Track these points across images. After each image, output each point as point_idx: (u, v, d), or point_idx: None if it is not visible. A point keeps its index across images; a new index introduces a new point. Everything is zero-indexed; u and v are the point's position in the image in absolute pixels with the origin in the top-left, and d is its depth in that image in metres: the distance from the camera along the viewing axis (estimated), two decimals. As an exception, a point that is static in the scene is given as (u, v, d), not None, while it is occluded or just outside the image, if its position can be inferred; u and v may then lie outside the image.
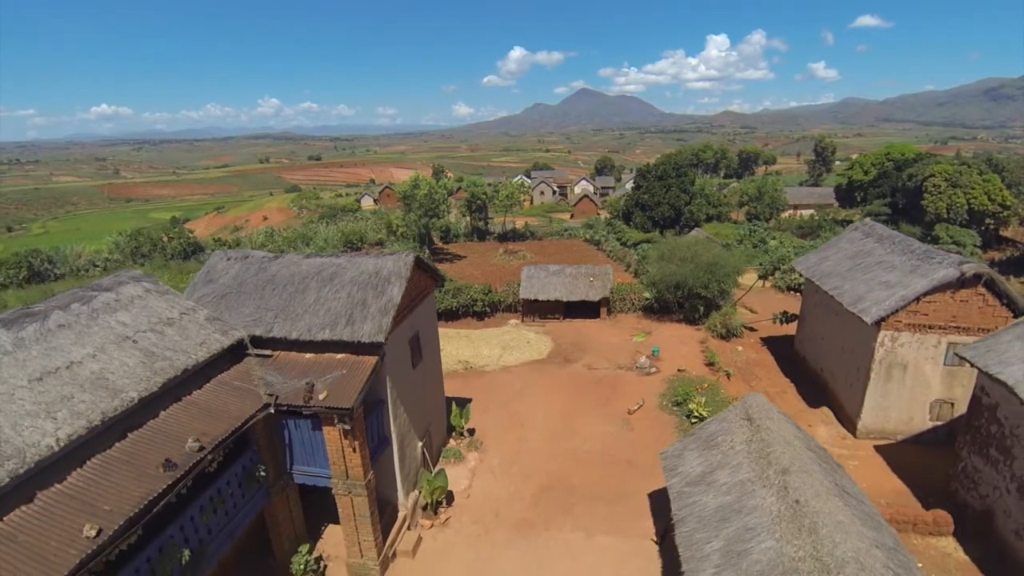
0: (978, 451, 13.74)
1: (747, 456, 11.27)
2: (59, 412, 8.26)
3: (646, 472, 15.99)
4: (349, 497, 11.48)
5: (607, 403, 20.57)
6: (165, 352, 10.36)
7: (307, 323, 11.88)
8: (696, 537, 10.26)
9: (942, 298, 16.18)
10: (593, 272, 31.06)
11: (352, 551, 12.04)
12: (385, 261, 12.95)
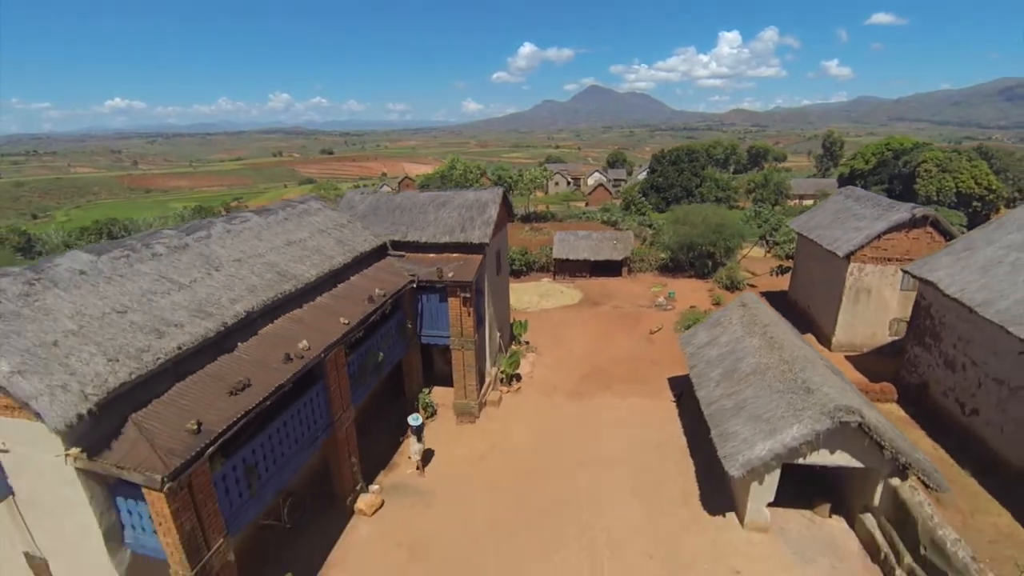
0: (918, 341, 18.44)
1: (740, 324, 16.15)
2: (307, 260, 13.31)
3: (665, 368, 20.83)
4: (461, 351, 16.47)
5: (632, 329, 25.47)
6: (346, 241, 15.38)
7: (431, 231, 16.88)
8: (704, 371, 15.16)
9: (898, 236, 20.87)
10: (616, 236, 35.95)
11: (459, 395, 17.03)
12: (483, 192, 17.94)
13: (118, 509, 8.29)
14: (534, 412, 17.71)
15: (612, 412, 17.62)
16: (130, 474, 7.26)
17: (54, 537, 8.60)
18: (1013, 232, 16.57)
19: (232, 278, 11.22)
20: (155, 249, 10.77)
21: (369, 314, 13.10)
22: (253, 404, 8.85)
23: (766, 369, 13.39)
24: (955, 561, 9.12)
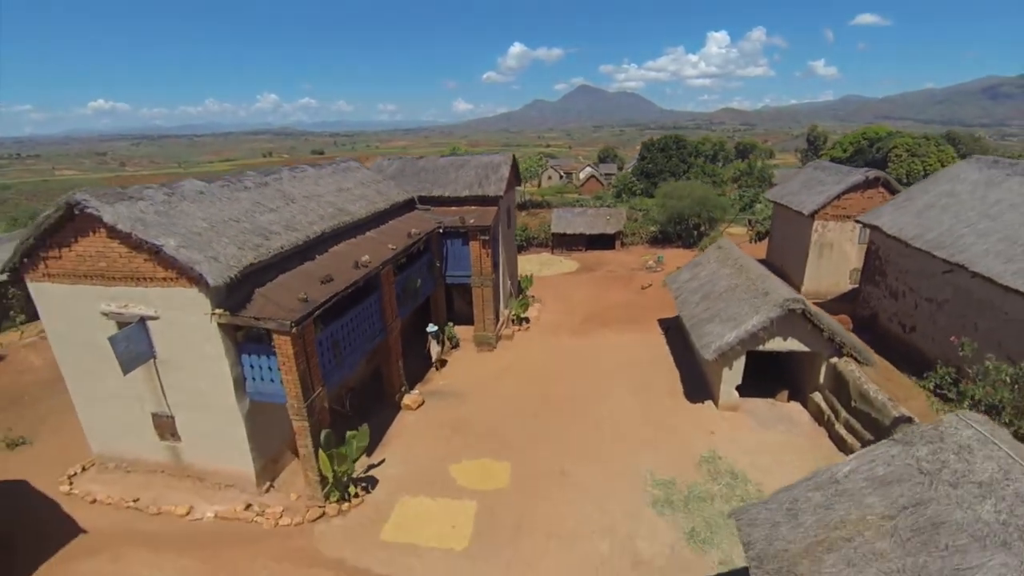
0: (869, 280, 21.47)
1: (716, 261, 19.09)
2: (356, 203, 16.03)
3: (655, 312, 23.72)
4: (481, 289, 19.25)
5: (625, 286, 28.41)
6: (383, 192, 18.12)
7: (452, 188, 19.65)
8: (686, 297, 18.07)
9: (855, 196, 23.94)
10: (610, 212, 38.94)
11: (478, 327, 19.81)
12: (495, 156, 20.77)
13: (242, 364, 10.98)
14: (543, 344, 20.54)
15: (610, 342, 20.48)
16: (266, 323, 9.99)
17: (186, 392, 11.26)
18: (944, 184, 19.64)
19: (305, 208, 13.94)
20: (245, 184, 13.47)
21: (409, 245, 15.85)
22: (338, 290, 11.59)
23: (735, 287, 16.32)
24: (876, 403, 12.05)
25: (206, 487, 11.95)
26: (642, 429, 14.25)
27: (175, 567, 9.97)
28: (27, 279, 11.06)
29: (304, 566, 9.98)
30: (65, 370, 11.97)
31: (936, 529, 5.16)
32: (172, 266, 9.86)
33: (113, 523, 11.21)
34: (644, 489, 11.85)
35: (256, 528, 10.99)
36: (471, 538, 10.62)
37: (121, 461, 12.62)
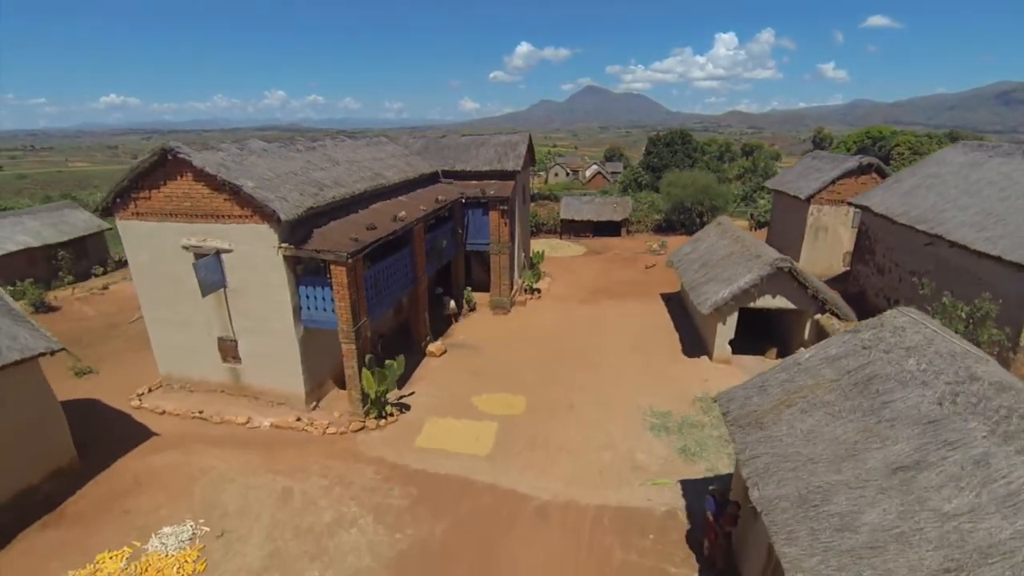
0: (859, 259, 23.01)
1: (716, 235, 20.72)
2: (390, 170, 17.74)
3: (658, 288, 25.33)
4: (499, 256, 20.92)
5: (630, 266, 30.04)
6: (412, 164, 19.82)
7: (474, 163, 21.33)
8: (687, 266, 19.69)
9: (849, 181, 25.48)
10: (616, 201, 40.55)
11: (494, 292, 21.50)
12: (513, 135, 22.44)
13: (300, 294, 12.70)
14: (554, 310, 22.20)
15: (616, 310, 22.13)
16: (325, 254, 11.71)
17: (250, 318, 12.99)
18: (931, 167, 21.17)
19: (348, 170, 15.66)
20: (297, 147, 15.20)
21: (437, 208, 17.56)
22: (382, 235, 13.29)
23: (731, 255, 17.95)
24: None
25: (261, 404, 13.70)
26: (643, 377, 15.90)
27: (239, 459, 11.71)
28: (117, 217, 12.82)
29: (349, 461, 11.70)
30: (143, 300, 13.75)
31: (870, 380, 6.81)
32: (249, 204, 11.58)
33: (181, 429, 12.97)
34: (643, 419, 13.51)
35: (306, 435, 12.73)
36: (492, 447, 12.31)
37: (185, 382, 14.39)
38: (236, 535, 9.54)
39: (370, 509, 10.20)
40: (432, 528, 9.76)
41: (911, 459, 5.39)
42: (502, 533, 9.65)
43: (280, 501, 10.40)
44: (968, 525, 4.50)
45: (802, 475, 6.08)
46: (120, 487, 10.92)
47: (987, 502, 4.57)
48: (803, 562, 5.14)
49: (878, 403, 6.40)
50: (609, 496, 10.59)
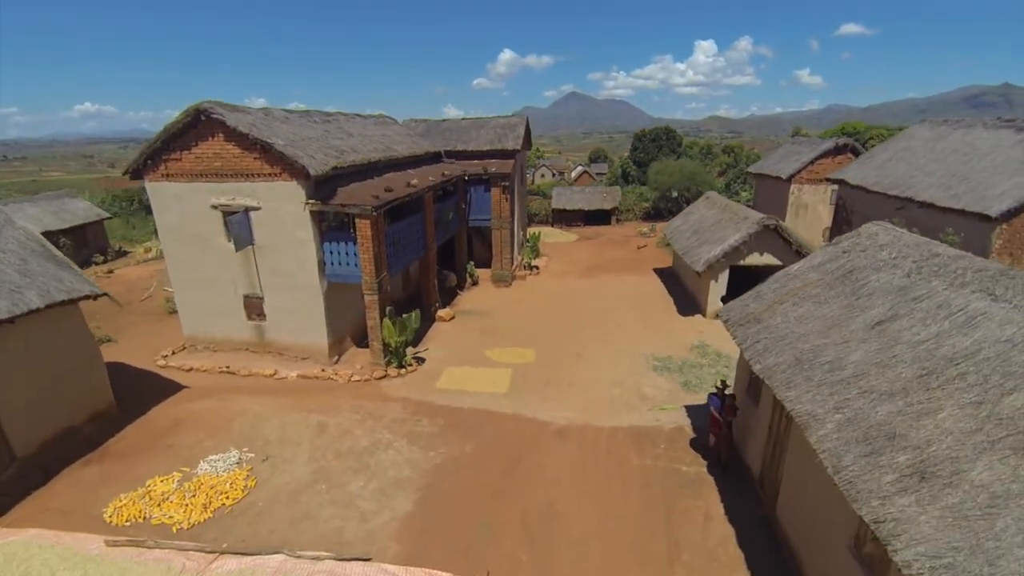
0: (837, 231, 24.44)
1: (705, 207, 21.98)
2: (399, 145, 18.61)
3: (651, 264, 26.51)
4: (500, 231, 21.88)
5: (622, 247, 31.24)
6: (417, 142, 20.72)
7: (475, 143, 22.32)
8: (678, 236, 20.88)
9: (827, 161, 27.04)
10: (605, 190, 41.84)
11: (496, 265, 22.43)
12: (512, 117, 23.50)
13: (324, 250, 13.49)
14: (553, 283, 23.22)
15: (612, 282, 23.22)
16: (351, 208, 12.54)
17: (277, 274, 13.73)
18: (902, 142, 22.75)
19: (362, 141, 16.52)
20: (314, 119, 16.00)
21: (445, 180, 18.52)
22: (399, 196, 14.16)
23: (720, 221, 19.18)
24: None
25: (285, 359, 14.40)
26: (643, 332, 16.94)
27: (272, 403, 12.42)
28: (146, 180, 13.49)
29: (377, 401, 12.49)
30: (171, 260, 14.39)
31: (849, 272, 7.90)
32: (279, 161, 12.37)
33: (210, 383, 13.62)
34: (646, 362, 14.54)
35: (332, 383, 13.48)
36: (509, 387, 13.22)
37: (210, 342, 15.02)
38: (280, 459, 10.27)
39: (402, 435, 11.01)
40: (462, 447, 10.62)
41: (886, 315, 6.47)
42: (527, 449, 10.54)
43: (317, 432, 11.15)
44: (935, 345, 5.56)
45: (796, 345, 7.12)
46: (159, 428, 11.56)
47: (949, 328, 5.63)
48: (802, 398, 6.16)
49: (857, 286, 7.48)
50: (621, 419, 11.55)
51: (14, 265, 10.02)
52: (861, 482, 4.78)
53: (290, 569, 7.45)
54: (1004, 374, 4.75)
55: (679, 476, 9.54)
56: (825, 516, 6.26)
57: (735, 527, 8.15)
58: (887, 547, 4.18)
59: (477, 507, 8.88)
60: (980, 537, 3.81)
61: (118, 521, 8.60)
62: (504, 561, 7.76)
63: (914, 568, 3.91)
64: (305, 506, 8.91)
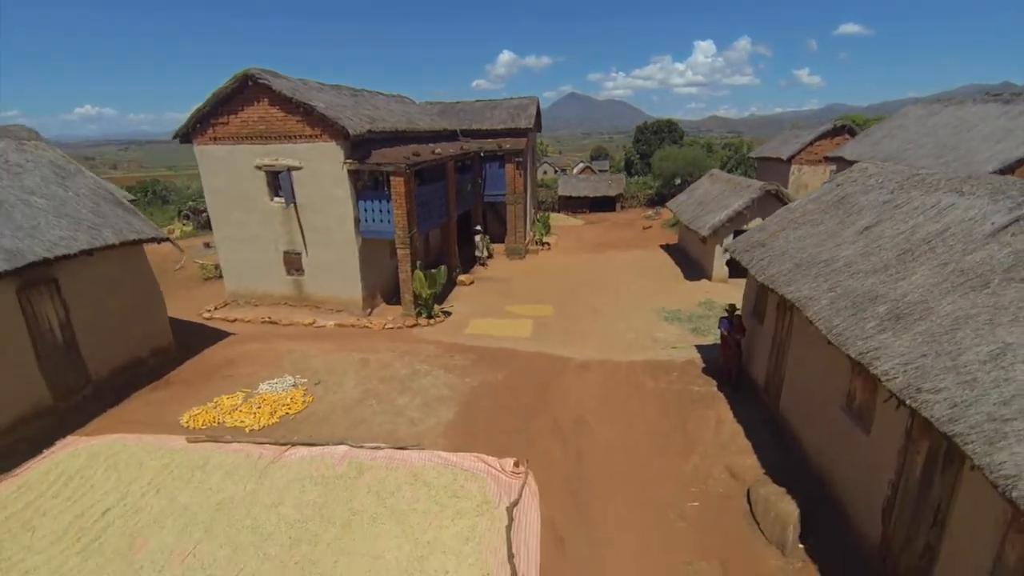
0: (835, 209, 25.54)
1: (709, 183, 23.08)
2: (420, 120, 19.71)
3: (657, 242, 27.63)
4: (514, 205, 22.97)
5: (628, 228, 32.35)
6: (436, 121, 21.80)
7: (490, 123, 23.42)
8: (684, 209, 21.97)
9: (825, 142, 28.14)
10: (610, 178, 42.96)
11: (510, 239, 23.52)
12: (524, 98, 24.59)
13: (359, 208, 14.57)
14: (564, 257, 24.32)
15: (620, 256, 24.33)
16: (386, 167, 13.63)
17: (315, 231, 14.81)
18: (896, 120, 23.85)
19: (388, 114, 17.61)
20: (343, 92, 17.08)
21: (464, 153, 19.64)
22: (429, 159, 15.24)
23: (724, 192, 20.28)
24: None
25: (322, 312, 15.48)
26: (652, 293, 18.02)
27: (315, 345, 13.49)
28: (195, 143, 14.58)
29: (411, 343, 13.58)
30: (216, 220, 15.48)
31: (843, 199, 8.99)
32: (320, 123, 13.47)
33: (255, 331, 14.70)
34: (657, 314, 15.62)
35: (368, 330, 14.56)
36: (532, 333, 14.31)
37: (251, 297, 16.11)
38: (331, 383, 11.35)
39: (439, 367, 12.09)
40: (494, 375, 11.70)
41: (872, 223, 7.55)
42: (553, 378, 11.61)
43: (360, 365, 12.23)
44: (911, 233, 6.64)
45: (795, 256, 8.20)
46: (215, 363, 12.64)
47: (923, 220, 6.71)
48: (801, 288, 7.24)
49: (848, 207, 8.58)
50: (637, 356, 12.63)
51: (88, 207, 11.10)
52: (848, 332, 5.85)
53: (354, 456, 8.53)
54: (966, 241, 5.83)
55: (692, 395, 10.61)
56: (820, 392, 7.34)
57: (743, 427, 9.22)
58: (869, 367, 5.26)
59: (512, 418, 9.95)
60: (944, 345, 4.88)
61: (194, 426, 9.68)
62: (541, 456, 8.82)
63: (891, 373, 4.98)
64: (360, 415, 9.99)
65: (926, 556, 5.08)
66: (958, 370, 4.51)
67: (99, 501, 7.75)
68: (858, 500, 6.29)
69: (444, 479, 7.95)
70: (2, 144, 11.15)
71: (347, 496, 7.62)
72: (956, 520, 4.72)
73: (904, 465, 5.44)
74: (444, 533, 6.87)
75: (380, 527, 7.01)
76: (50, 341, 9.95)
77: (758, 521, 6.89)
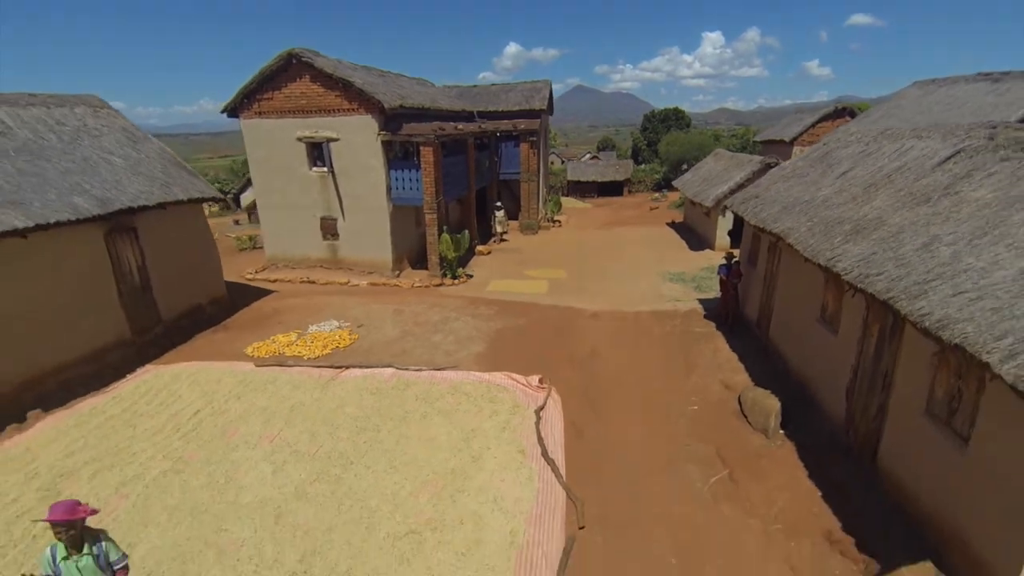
0: (835, 188, 26.61)
1: (713, 160, 24.21)
2: (440, 100, 20.98)
3: (663, 219, 28.83)
4: (528, 183, 24.24)
5: (635, 208, 33.58)
6: (453, 100, 23.06)
7: (505, 104, 24.68)
8: (689, 185, 23.14)
9: (826, 124, 29.07)
10: (618, 163, 44.08)
11: (523, 215, 24.82)
12: (537, 81, 25.80)
13: (390, 177, 15.91)
14: (575, 233, 25.63)
15: (629, 232, 25.58)
16: (416, 137, 14.96)
17: (350, 197, 16.19)
18: (894, 101, 24.82)
19: (414, 92, 18.91)
20: (372, 72, 18.39)
21: (482, 131, 20.93)
22: (452, 132, 16.54)
23: (727, 168, 21.46)
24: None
25: (354, 273, 16.90)
26: (659, 261, 19.27)
27: (352, 299, 14.89)
28: (241, 118, 15.96)
29: (439, 297, 14.96)
30: (259, 190, 16.90)
31: (827, 154, 10.24)
32: (357, 98, 14.81)
33: (295, 289, 16.15)
34: (662, 276, 16.92)
35: (398, 288, 15.97)
36: (547, 291, 15.66)
37: (289, 261, 17.54)
38: (371, 326, 12.75)
39: (466, 314, 13.47)
40: (516, 321, 13.06)
41: (848, 169, 8.80)
42: (568, 324, 12.95)
43: (395, 314, 13.63)
44: (876, 171, 7.90)
45: (783, 201, 9.47)
46: (265, 312, 14.08)
47: (887, 161, 7.96)
48: (785, 223, 8.52)
49: (831, 160, 9.83)
50: (644, 307, 13.95)
51: (158, 168, 12.51)
52: (819, 247, 7.13)
53: (400, 375, 9.94)
54: (918, 172, 7.09)
55: (693, 334, 11.92)
56: (800, 313, 8.63)
57: (737, 354, 10.53)
58: (833, 269, 6.54)
59: (534, 351, 11.30)
60: (889, 244, 6.15)
61: (258, 355, 11.11)
62: (560, 378, 10.15)
63: (848, 269, 6.26)
64: (400, 348, 11.39)
65: (879, 416, 6.39)
66: (897, 259, 5.79)
67: (188, 406, 9.19)
68: (828, 390, 7.61)
69: (480, 390, 9.33)
70: (80, 110, 12.58)
71: (399, 402, 9.02)
72: (899, 378, 6.02)
73: (862, 351, 6.74)
74: (484, 424, 8.26)
75: (430, 420, 8.40)
76: (130, 282, 11.40)
77: (746, 416, 8.22)
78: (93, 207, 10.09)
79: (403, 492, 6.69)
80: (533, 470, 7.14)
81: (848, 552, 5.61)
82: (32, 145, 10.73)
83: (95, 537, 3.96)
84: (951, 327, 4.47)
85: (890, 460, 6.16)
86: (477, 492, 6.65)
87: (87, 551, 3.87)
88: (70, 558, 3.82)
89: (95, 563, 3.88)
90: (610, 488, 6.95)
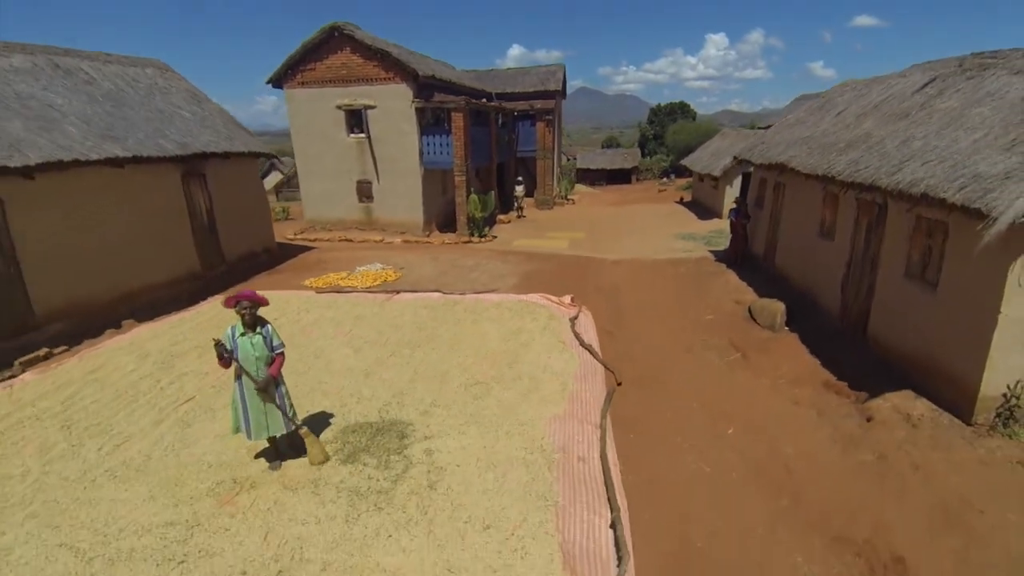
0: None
1: (720, 140, 25.46)
2: (464, 80, 22.32)
3: (671, 199, 30.10)
4: (543, 160, 25.54)
5: (644, 192, 34.83)
6: (473, 82, 24.39)
7: (522, 86, 26.06)
8: (698, 161, 24.39)
9: (828, 109, 30.38)
10: (626, 152, 45.38)
11: (539, 193, 26.11)
12: (552, 65, 27.14)
13: (422, 143, 17.22)
14: (588, 209, 26.95)
15: (639, 208, 26.89)
16: (448, 103, 16.27)
17: (385, 161, 17.48)
18: (892, 85, 26.08)
19: (439, 68, 20.23)
20: (401, 48, 19.71)
21: (501, 109, 22.20)
22: (479, 103, 17.83)
23: (733, 143, 22.69)
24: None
25: (388, 233, 18.20)
26: (670, 227, 20.55)
27: (389, 252, 16.18)
28: (285, 87, 17.30)
29: (469, 249, 16.25)
30: (299, 156, 18.24)
31: (824, 104, 11.46)
32: (393, 67, 16.13)
33: (334, 245, 17.44)
34: (674, 237, 18.20)
35: (430, 244, 17.26)
36: (568, 247, 16.92)
37: (326, 223, 18.86)
38: (412, 268, 14.04)
39: (496, 260, 14.76)
40: (544, 265, 14.34)
41: (843, 108, 10.05)
42: (591, 268, 14.21)
43: (432, 260, 14.93)
44: (867, 104, 9.15)
45: (787, 141, 10.73)
46: (311, 261, 15.38)
47: (876, 98, 9.21)
48: (788, 154, 9.77)
49: (829, 107, 11.11)
50: (659, 257, 15.21)
51: (220, 124, 13.84)
52: (817, 163, 8.39)
53: (448, 297, 11.20)
54: (901, 99, 8.37)
55: (706, 272, 13.16)
56: (801, 232, 9.87)
57: (746, 282, 11.76)
58: (828, 174, 7.79)
59: (563, 285, 12.51)
60: (873, 148, 7.41)
61: (317, 286, 12.41)
62: (589, 304, 11.36)
63: (840, 171, 7.52)
64: (443, 282, 12.67)
65: (868, 295, 7.63)
66: (880, 156, 7.05)
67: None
68: (827, 290, 8.85)
69: (519, 306, 10.59)
70: (150, 71, 13.94)
71: (451, 314, 10.28)
72: (884, 256, 7.26)
73: (854, 247, 7.98)
74: (527, 325, 9.52)
75: (480, 324, 9.66)
76: (200, 222, 12.72)
77: (756, 319, 9.45)
78: (175, 148, 11.42)
79: (467, 361, 7.96)
80: (573, 354, 8.39)
81: (842, 392, 6.86)
82: (115, 95, 12.07)
83: (264, 323, 5.25)
84: (919, 184, 5.72)
85: (877, 329, 7.40)
86: (530, 364, 7.91)
87: (259, 331, 5.15)
88: (246, 335, 5.09)
89: (264, 342, 5.15)
90: (642, 366, 8.20)
